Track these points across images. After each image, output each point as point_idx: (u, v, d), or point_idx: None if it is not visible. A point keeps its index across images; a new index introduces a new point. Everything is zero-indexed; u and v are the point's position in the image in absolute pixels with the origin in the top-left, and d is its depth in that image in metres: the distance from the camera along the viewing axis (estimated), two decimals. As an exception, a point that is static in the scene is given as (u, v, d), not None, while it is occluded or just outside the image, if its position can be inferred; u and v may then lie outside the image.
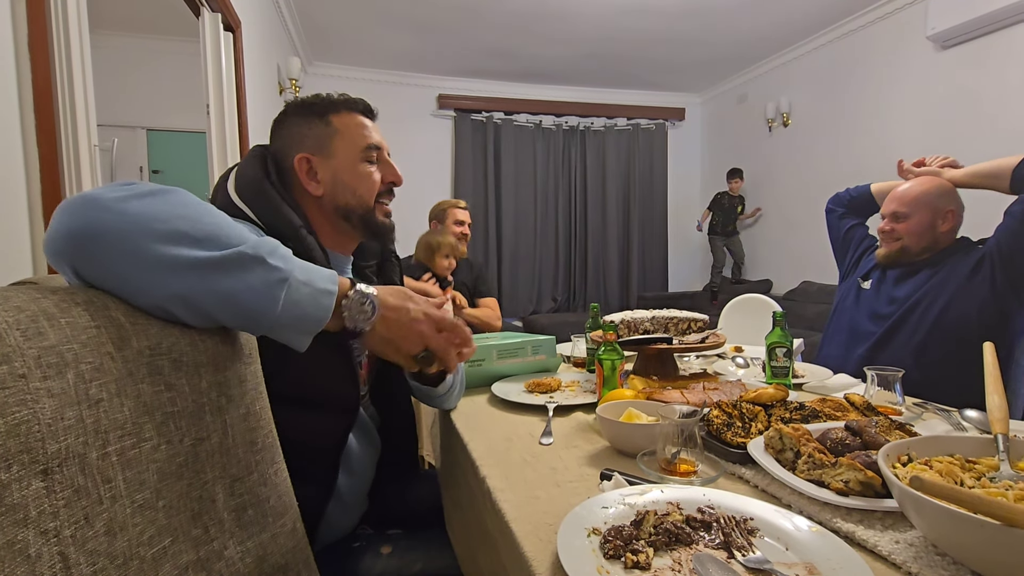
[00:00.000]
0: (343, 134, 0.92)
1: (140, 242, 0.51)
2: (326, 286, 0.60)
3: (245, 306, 0.54)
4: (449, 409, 1.12)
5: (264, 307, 0.55)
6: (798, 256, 4.43)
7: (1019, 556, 0.42)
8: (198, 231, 0.54)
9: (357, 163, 0.92)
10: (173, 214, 0.53)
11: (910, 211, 1.44)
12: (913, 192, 1.45)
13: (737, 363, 1.41)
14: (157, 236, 0.51)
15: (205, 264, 0.52)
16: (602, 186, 5.53)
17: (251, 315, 0.55)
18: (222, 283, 0.53)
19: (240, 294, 0.54)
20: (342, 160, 0.92)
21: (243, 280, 0.54)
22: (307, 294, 0.58)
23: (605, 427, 0.86)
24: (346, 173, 0.92)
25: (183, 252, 0.52)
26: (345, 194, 0.92)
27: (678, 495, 0.65)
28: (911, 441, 0.61)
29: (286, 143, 0.93)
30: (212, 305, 0.53)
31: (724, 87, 5.38)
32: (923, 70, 3.49)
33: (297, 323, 0.58)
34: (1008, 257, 1.30)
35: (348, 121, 0.93)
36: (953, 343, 1.35)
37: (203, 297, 0.53)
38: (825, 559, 0.52)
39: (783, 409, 0.86)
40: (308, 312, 0.58)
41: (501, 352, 1.33)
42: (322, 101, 0.94)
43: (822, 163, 4.26)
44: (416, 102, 5.06)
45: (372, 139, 0.94)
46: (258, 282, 0.54)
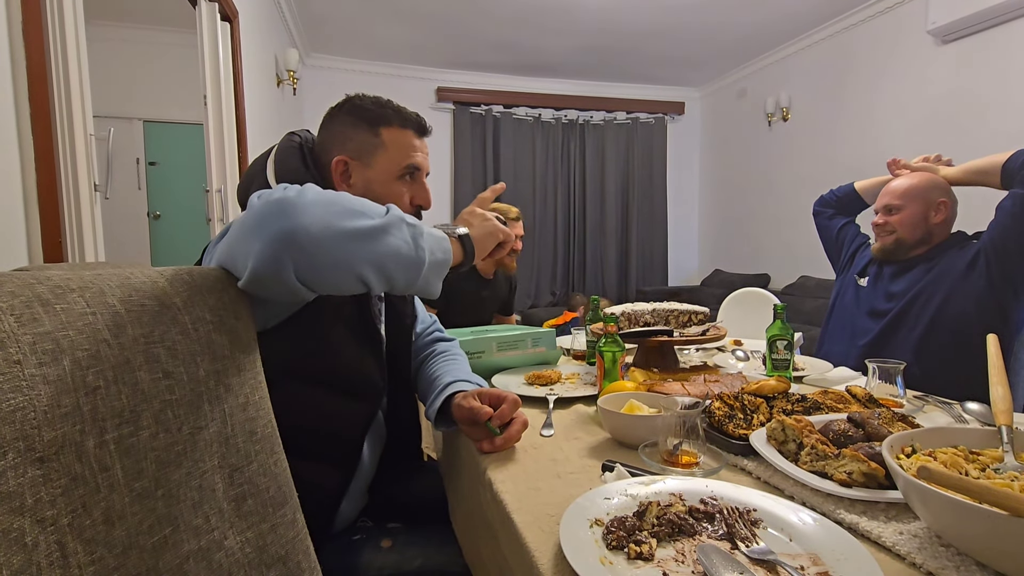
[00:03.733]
0: (388, 148, 0.92)
1: (331, 222, 0.58)
2: (439, 232, 0.72)
3: (407, 259, 0.64)
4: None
5: (420, 256, 0.66)
6: (796, 251, 4.43)
7: (1026, 546, 0.42)
8: (355, 206, 0.63)
9: (393, 180, 0.93)
10: (329, 199, 0.61)
11: (902, 203, 1.44)
12: (904, 185, 1.45)
13: (737, 356, 1.41)
14: (338, 215, 0.59)
15: (376, 230, 0.62)
16: (601, 180, 5.51)
17: (412, 266, 0.65)
18: (390, 243, 0.63)
19: (402, 249, 0.64)
20: (379, 172, 0.92)
21: (400, 237, 0.64)
22: (435, 241, 0.70)
23: (607, 418, 0.86)
24: (380, 186, 0.92)
25: (360, 223, 0.61)
26: None
27: (681, 486, 0.65)
28: (915, 432, 0.61)
29: (329, 140, 0.94)
30: (390, 263, 0.63)
31: (724, 81, 5.36)
32: (923, 65, 3.48)
33: (440, 267, 0.70)
34: (1002, 251, 1.30)
35: (397, 137, 0.93)
36: (952, 337, 1.35)
37: (383, 259, 0.62)
38: (829, 550, 0.52)
39: (785, 401, 0.86)
40: (439, 257, 0.69)
41: (501, 344, 1.32)
42: (377, 110, 0.93)
43: (821, 158, 4.25)
44: (415, 95, 5.03)
45: (415, 160, 0.94)
46: (408, 237, 0.65)
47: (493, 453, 0.84)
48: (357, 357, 0.86)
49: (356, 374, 0.87)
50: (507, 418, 0.86)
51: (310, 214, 0.58)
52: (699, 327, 1.23)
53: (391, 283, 0.65)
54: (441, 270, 0.70)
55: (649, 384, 1.03)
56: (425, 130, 0.98)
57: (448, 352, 1.13)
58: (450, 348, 1.15)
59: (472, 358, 1.29)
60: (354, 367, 0.86)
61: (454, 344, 1.18)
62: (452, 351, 1.14)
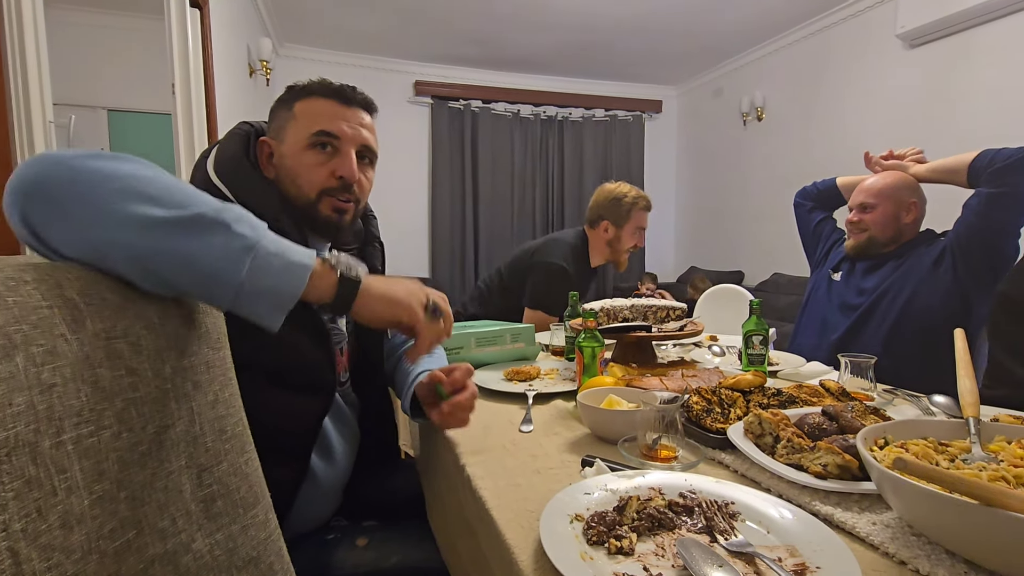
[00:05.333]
0: (298, 119, 0.87)
1: (92, 195, 0.48)
2: (300, 259, 0.57)
3: (204, 270, 0.51)
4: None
5: (225, 272, 0.51)
6: (769, 248, 4.52)
7: (995, 535, 0.43)
8: (156, 190, 0.51)
9: (302, 150, 0.86)
10: (131, 174, 0.50)
11: (876, 202, 1.48)
12: (878, 185, 1.49)
13: (714, 351, 1.43)
14: (111, 192, 0.48)
15: (162, 223, 0.49)
16: (579, 177, 5.53)
17: (210, 280, 0.52)
18: (181, 244, 0.50)
19: (199, 257, 0.50)
20: (289, 146, 0.87)
21: (204, 241, 0.51)
22: (278, 265, 0.54)
23: (586, 414, 0.85)
24: (290, 159, 0.86)
25: (139, 209, 0.49)
26: (286, 182, 0.87)
27: (660, 480, 0.65)
28: (887, 425, 0.62)
29: (267, 127, 0.92)
30: (169, 268, 0.50)
31: (700, 80, 5.43)
32: (892, 67, 3.58)
33: (267, 294, 0.54)
34: (967, 248, 1.35)
35: (310, 107, 0.87)
36: (919, 331, 1.39)
37: (159, 258, 0.49)
38: (806, 542, 0.52)
39: (761, 395, 0.87)
40: (278, 284, 0.55)
41: (480, 340, 1.31)
42: (299, 87, 0.90)
43: (794, 157, 4.34)
44: (392, 88, 4.97)
45: (325, 126, 0.86)
46: (219, 245, 0.51)
47: (449, 426, 0.84)
48: (305, 352, 0.82)
49: (304, 369, 0.83)
50: (459, 384, 0.83)
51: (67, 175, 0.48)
52: (676, 323, 1.24)
53: (174, 289, 0.52)
54: (278, 300, 0.55)
55: (628, 379, 1.03)
56: (352, 99, 0.89)
57: None
58: None
59: (451, 354, 1.28)
60: (302, 362, 0.82)
61: None
62: None
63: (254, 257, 0.53)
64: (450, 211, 5.17)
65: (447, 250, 5.17)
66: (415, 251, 5.20)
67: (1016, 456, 0.56)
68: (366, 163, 0.93)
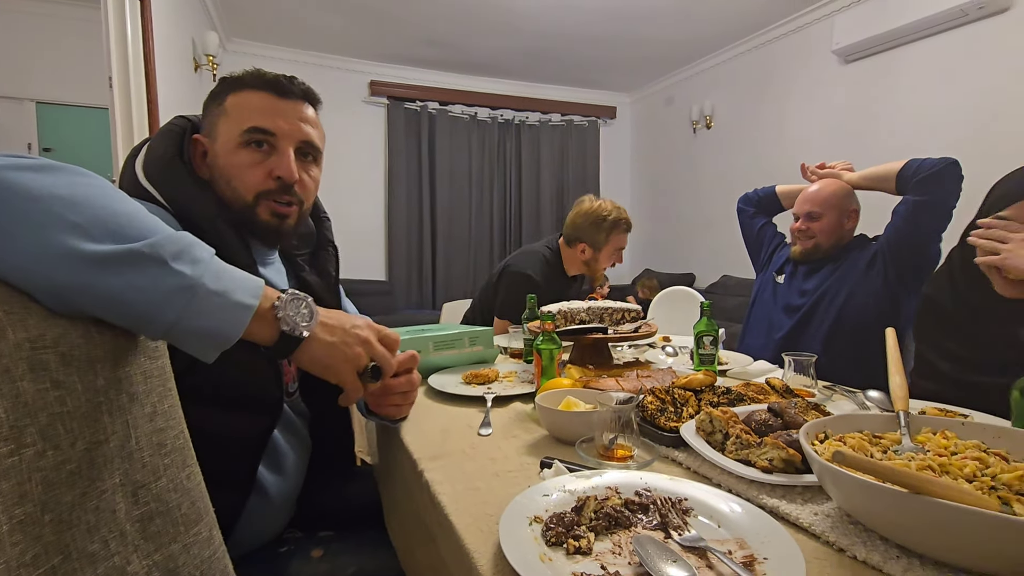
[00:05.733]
0: (229, 114, 0.81)
1: (9, 218, 0.43)
2: (242, 299, 0.53)
3: (130, 311, 0.47)
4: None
5: (155, 313, 0.47)
6: (718, 252, 4.68)
7: (923, 520, 0.46)
8: (86, 217, 0.46)
9: (234, 148, 0.79)
10: (58, 195, 0.45)
11: (823, 211, 1.55)
12: (824, 194, 1.56)
13: (667, 351, 1.46)
14: (32, 216, 0.44)
15: (88, 259, 0.44)
16: (536, 180, 5.58)
17: (138, 319, 0.48)
18: (106, 282, 0.45)
19: (126, 296, 0.46)
20: (222, 144, 0.80)
21: (134, 280, 0.46)
22: (218, 306, 0.50)
23: (544, 416, 0.86)
24: (223, 158, 0.80)
25: (63, 240, 0.44)
26: (221, 184, 0.81)
27: (616, 479, 0.66)
28: (827, 420, 0.65)
29: (202, 123, 0.86)
30: (91, 305, 0.46)
31: (653, 88, 5.58)
32: (829, 81, 3.79)
33: (202, 336, 0.50)
34: (896, 252, 1.44)
35: (242, 100, 0.81)
36: (855, 330, 1.47)
37: (81, 296, 0.45)
38: (754, 533, 0.54)
39: (712, 394, 0.90)
40: (215, 326, 0.51)
41: (438, 344, 1.30)
42: (231, 79, 0.84)
43: (741, 165, 4.52)
44: (347, 87, 4.87)
45: (258, 121, 0.79)
46: (150, 286, 0.47)
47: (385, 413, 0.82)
48: (248, 368, 0.75)
49: (247, 386, 0.77)
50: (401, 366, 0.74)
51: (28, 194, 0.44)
52: (632, 324, 1.27)
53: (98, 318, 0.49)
54: (213, 341, 0.51)
55: (585, 380, 1.04)
56: (289, 91, 0.82)
57: None
58: None
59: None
60: (245, 378, 0.76)
61: None
62: None
63: (191, 298, 0.48)
64: (407, 213, 5.10)
65: (404, 253, 5.10)
66: (371, 254, 5.10)
67: (940, 446, 0.61)
68: (309, 160, 0.87)
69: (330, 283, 1.00)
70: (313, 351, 0.61)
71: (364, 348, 0.65)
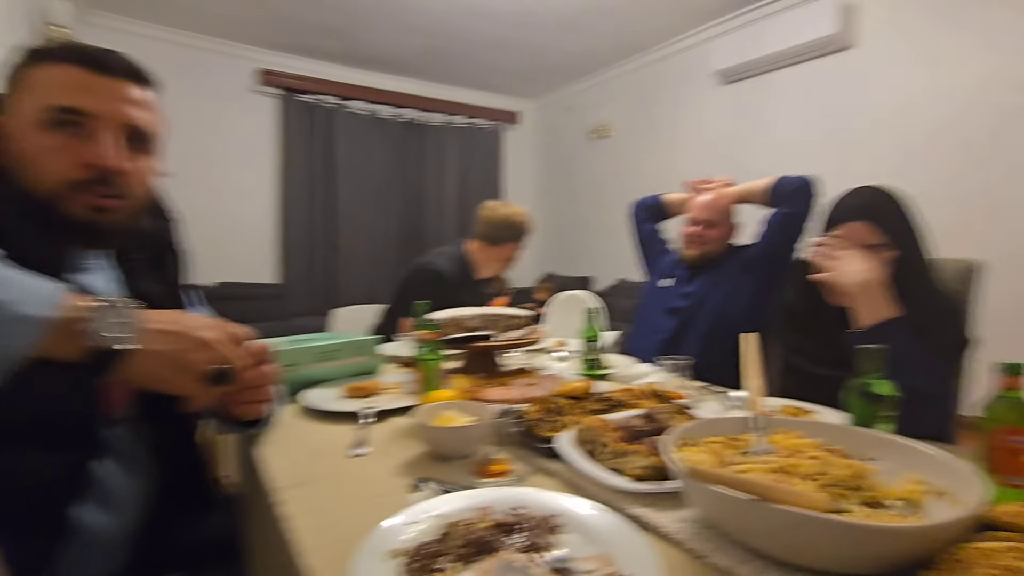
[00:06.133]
0: (33, 91, 0.68)
1: None
2: (29, 311, 0.44)
3: None
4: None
5: None
6: (615, 256, 4.90)
7: (769, 525, 0.48)
8: None
9: (35, 129, 0.68)
10: None
11: (717, 220, 1.66)
12: (718, 205, 1.68)
13: (558, 357, 1.48)
14: None
15: None
16: (440, 182, 5.50)
17: None
18: None
19: None
20: (21, 123, 0.68)
21: None
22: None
23: (421, 432, 0.82)
24: (17, 141, 0.68)
25: None
26: (21, 170, 0.69)
27: (490, 498, 0.63)
28: (688, 426, 0.68)
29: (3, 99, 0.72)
30: None
31: (554, 96, 5.74)
32: (710, 101, 4.11)
33: None
34: (766, 258, 1.57)
35: (48, 75, 0.69)
36: (730, 333, 1.57)
37: None
38: (619, 547, 0.54)
39: (591, 401, 0.91)
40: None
41: (317, 355, 1.21)
42: (38, 50, 0.71)
43: (635, 174, 4.78)
44: (232, 75, 4.48)
45: (65, 99, 0.68)
46: None
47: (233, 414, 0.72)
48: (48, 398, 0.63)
49: (47, 420, 0.65)
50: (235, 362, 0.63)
51: None
52: (521, 331, 1.26)
53: None
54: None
55: (472, 391, 1.02)
56: (108, 66, 0.71)
57: None
58: None
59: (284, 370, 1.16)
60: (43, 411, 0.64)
61: None
62: None
63: None
64: (303, 213, 4.80)
65: (299, 255, 4.79)
66: (261, 256, 4.74)
67: (787, 446, 0.65)
68: (140, 149, 0.75)
69: (174, 291, 0.88)
70: (140, 365, 0.53)
71: (205, 352, 0.58)
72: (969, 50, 2.78)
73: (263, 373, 0.70)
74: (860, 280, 0.96)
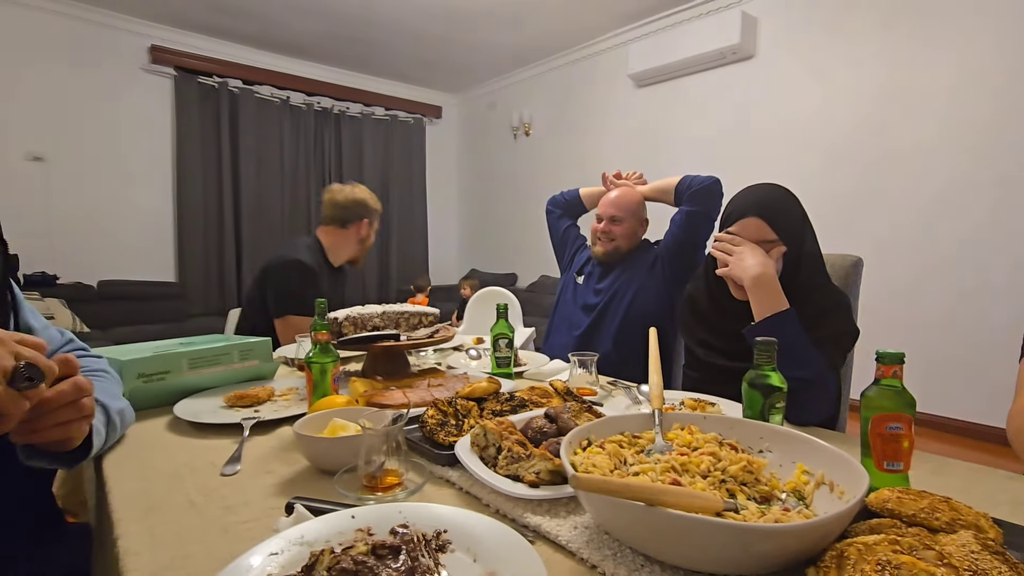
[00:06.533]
0: None
1: None
2: None
3: None
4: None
5: None
6: (537, 252, 4.94)
7: (659, 530, 0.45)
8: None
9: None
10: None
11: (625, 216, 1.67)
12: (625, 201, 1.68)
13: (470, 355, 1.43)
14: None
15: None
16: (359, 175, 5.28)
17: None
18: None
19: None
20: None
21: None
22: None
23: (301, 444, 0.73)
24: None
25: None
26: None
27: (371, 517, 0.56)
28: (589, 425, 0.65)
29: None
30: None
31: (477, 92, 5.68)
32: (626, 101, 4.23)
33: None
34: (672, 255, 1.60)
35: None
36: (640, 327, 1.60)
37: None
38: (507, 564, 0.49)
39: (495, 402, 0.86)
40: None
41: (194, 361, 1.07)
42: None
43: (555, 170, 4.83)
44: (120, 50, 4.03)
45: None
46: None
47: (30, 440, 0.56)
48: None
49: None
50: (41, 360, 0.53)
51: None
52: (428, 329, 1.20)
53: None
54: None
55: (369, 395, 0.94)
56: None
57: (87, 369, 0.85)
58: (90, 365, 0.86)
59: (153, 380, 1.02)
60: None
61: (98, 361, 0.90)
62: (93, 367, 0.86)
63: None
64: (203, 206, 4.42)
65: (199, 251, 4.41)
66: (155, 249, 4.31)
67: (686, 442, 0.63)
68: None
69: None
70: None
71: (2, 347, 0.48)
72: (850, 65, 3.04)
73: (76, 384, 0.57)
74: (754, 274, 0.98)
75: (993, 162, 2.59)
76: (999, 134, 2.57)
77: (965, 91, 2.65)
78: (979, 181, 2.64)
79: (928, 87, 2.77)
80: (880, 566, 0.38)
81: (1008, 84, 2.53)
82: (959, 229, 2.71)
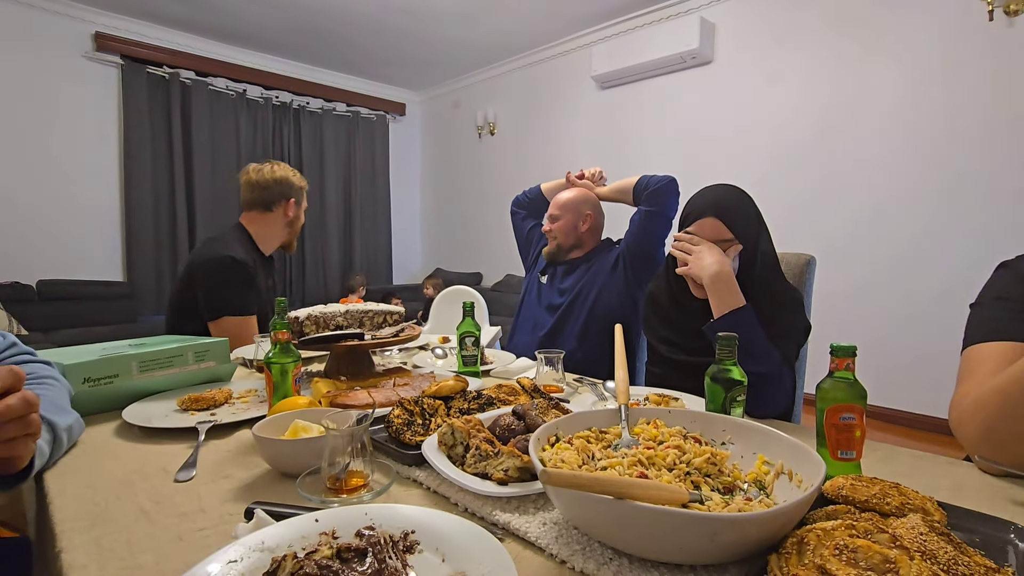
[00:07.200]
0: None
1: None
2: None
3: None
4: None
5: None
6: (502, 251, 4.94)
7: (628, 523, 0.45)
8: None
9: None
10: None
11: (560, 213, 1.70)
12: (563, 199, 1.72)
13: (436, 354, 1.41)
14: None
15: None
16: (320, 172, 5.16)
17: None
18: None
19: None
20: None
21: None
22: None
23: (261, 447, 0.71)
24: None
25: None
26: None
27: (335, 520, 0.55)
28: (557, 422, 0.65)
29: None
30: None
31: (441, 90, 5.63)
32: (590, 102, 4.28)
33: None
34: (633, 254, 1.63)
35: None
36: (604, 325, 1.62)
37: None
38: (477, 563, 0.49)
39: (463, 400, 0.85)
40: None
41: (145, 364, 1.02)
42: None
43: (520, 169, 4.84)
44: (61, 37, 3.81)
45: None
46: None
47: None
48: None
49: None
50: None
51: None
52: (393, 327, 1.18)
53: None
54: None
55: (333, 395, 0.91)
56: None
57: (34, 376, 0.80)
58: (37, 372, 0.81)
59: (100, 385, 0.97)
60: None
61: (46, 368, 0.85)
62: (40, 374, 0.81)
63: None
64: (152, 201, 4.22)
65: (149, 249, 4.21)
66: (101, 248, 4.09)
67: (651, 436, 0.64)
68: None
69: None
70: None
71: None
72: (803, 72, 3.16)
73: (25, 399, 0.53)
74: (712, 272, 1.01)
75: (939, 167, 2.75)
76: (944, 140, 2.72)
77: (911, 98, 2.80)
78: (926, 185, 2.79)
79: (876, 94, 2.91)
80: (838, 550, 0.40)
81: (950, 91, 2.69)
82: (907, 230, 2.86)
